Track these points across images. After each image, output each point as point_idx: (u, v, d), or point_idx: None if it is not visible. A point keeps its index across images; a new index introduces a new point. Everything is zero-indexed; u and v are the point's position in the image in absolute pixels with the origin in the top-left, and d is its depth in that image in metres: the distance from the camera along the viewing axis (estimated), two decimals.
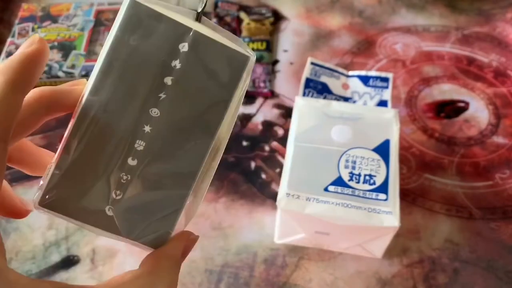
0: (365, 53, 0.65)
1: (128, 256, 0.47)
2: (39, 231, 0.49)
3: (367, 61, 0.64)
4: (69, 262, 0.47)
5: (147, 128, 0.25)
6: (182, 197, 0.26)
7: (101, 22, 0.65)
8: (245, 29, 0.67)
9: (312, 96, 0.51)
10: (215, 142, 0.26)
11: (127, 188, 0.25)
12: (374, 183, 0.43)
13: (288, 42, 0.67)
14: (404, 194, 0.52)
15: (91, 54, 0.62)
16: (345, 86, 0.53)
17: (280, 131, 0.57)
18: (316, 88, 0.52)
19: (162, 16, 0.25)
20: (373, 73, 0.53)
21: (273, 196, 0.51)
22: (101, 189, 0.25)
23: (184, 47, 0.25)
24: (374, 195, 0.42)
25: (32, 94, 0.25)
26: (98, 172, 0.25)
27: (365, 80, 0.53)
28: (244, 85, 0.26)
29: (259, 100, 0.60)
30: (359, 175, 0.43)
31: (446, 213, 0.51)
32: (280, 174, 0.45)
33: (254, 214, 0.51)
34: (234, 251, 0.48)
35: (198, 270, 0.47)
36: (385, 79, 0.52)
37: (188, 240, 0.28)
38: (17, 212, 0.28)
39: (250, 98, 0.60)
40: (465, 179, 0.53)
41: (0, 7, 0.71)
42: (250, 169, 0.54)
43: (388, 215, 0.41)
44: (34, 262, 0.47)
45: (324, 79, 0.53)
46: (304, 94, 0.51)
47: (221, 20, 0.68)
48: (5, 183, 0.27)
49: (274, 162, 0.54)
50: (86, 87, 0.25)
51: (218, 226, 0.50)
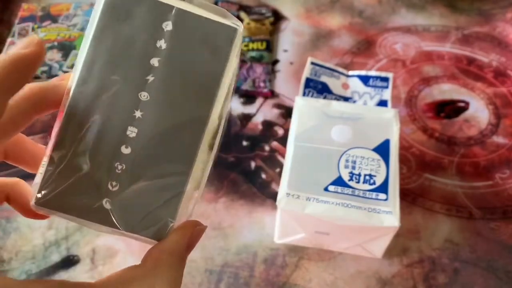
0: (365, 53, 0.65)
1: (129, 256, 0.47)
2: (39, 231, 0.49)
3: (367, 61, 0.64)
4: (69, 262, 0.47)
5: (138, 114, 0.24)
6: (182, 182, 0.24)
7: None
8: (245, 29, 0.67)
9: (312, 96, 0.51)
10: (212, 120, 0.25)
11: (123, 178, 0.24)
12: (374, 183, 0.43)
13: (288, 42, 0.67)
14: (404, 194, 0.52)
15: None
16: (345, 86, 0.53)
17: (280, 131, 0.57)
18: (316, 88, 0.52)
19: None
20: (373, 73, 0.53)
21: (273, 196, 0.51)
22: (97, 182, 0.24)
23: (168, 26, 0.25)
24: (374, 195, 0.42)
25: (21, 93, 0.24)
26: (92, 164, 0.24)
27: (365, 80, 0.53)
28: (236, 58, 0.25)
29: (259, 100, 0.60)
30: (359, 175, 0.43)
31: (446, 213, 0.51)
32: (280, 174, 0.45)
33: (254, 214, 0.51)
34: (234, 251, 0.48)
35: (198, 270, 0.47)
36: (385, 79, 0.52)
37: (194, 231, 0.25)
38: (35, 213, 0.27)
39: (250, 98, 0.60)
40: (465, 179, 0.53)
41: (0, 7, 0.71)
42: (250, 169, 0.54)
43: (388, 215, 0.41)
44: (34, 262, 0.47)
45: (324, 79, 0.53)
46: (304, 94, 0.51)
47: None
48: (25, 184, 0.27)
49: (274, 162, 0.54)
50: (72, 79, 0.24)
51: (218, 226, 0.50)
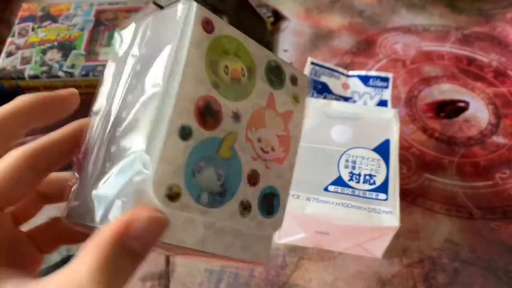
0: (365, 53, 0.65)
1: None
2: None
3: (367, 61, 0.64)
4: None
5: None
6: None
7: (101, 22, 0.65)
8: None
9: (312, 96, 0.51)
10: (177, 92, 0.22)
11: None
12: (374, 183, 0.43)
13: (288, 42, 0.67)
14: (404, 194, 0.52)
15: (91, 54, 0.62)
16: (345, 86, 0.53)
17: None
18: (316, 88, 0.52)
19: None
20: (373, 73, 0.53)
21: None
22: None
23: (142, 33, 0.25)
24: (374, 195, 0.42)
25: (15, 161, 0.23)
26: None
27: (365, 80, 0.53)
28: (196, 31, 0.23)
29: None
30: (359, 175, 0.43)
31: (446, 213, 0.51)
32: None
33: None
34: None
35: (198, 270, 0.47)
36: (385, 79, 0.52)
37: (140, 217, 0.20)
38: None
39: None
40: (465, 179, 0.53)
41: (0, 7, 0.71)
42: None
43: (388, 215, 0.41)
44: None
45: (324, 79, 0.53)
46: None
47: None
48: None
49: None
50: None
51: None
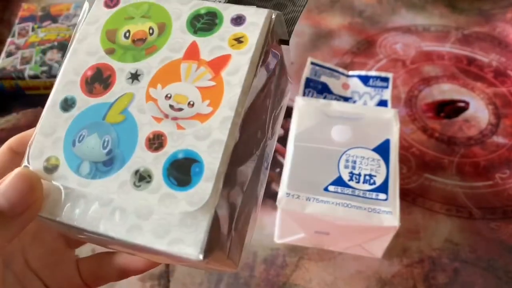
0: (365, 53, 0.65)
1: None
2: None
3: (367, 61, 0.64)
4: None
5: None
6: None
7: None
8: None
9: (312, 96, 0.51)
10: None
11: None
12: (374, 183, 0.43)
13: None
14: (404, 194, 0.52)
15: None
16: (345, 86, 0.53)
17: (280, 131, 0.57)
18: (316, 88, 0.52)
19: None
20: (373, 73, 0.53)
21: (273, 196, 0.51)
22: None
23: None
24: (374, 195, 0.42)
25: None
26: None
27: (365, 80, 0.53)
28: (93, 10, 0.25)
29: None
30: (359, 175, 0.43)
31: (446, 213, 0.51)
32: (280, 174, 0.45)
33: None
34: None
35: (198, 270, 0.47)
36: (385, 79, 0.52)
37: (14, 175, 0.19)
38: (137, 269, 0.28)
39: None
40: (465, 179, 0.53)
41: (0, 7, 0.71)
42: None
43: (388, 215, 0.41)
44: None
45: (324, 79, 0.53)
46: (304, 94, 0.51)
47: None
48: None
49: (274, 162, 0.54)
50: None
51: None
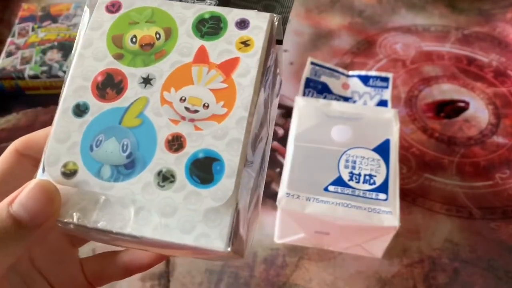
0: (365, 53, 0.65)
1: None
2: None
3: (367, 61, 0.64)
4: None
5: None
6: None
7: None
8: None
9: (312, 96, 0.51)
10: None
11: None
12: (374, 183, 0.43)
13: (288, 42, 0.67)
14: (404, 194, 0.52)
15: None
16: (345, 86, 0.53)
17: (280, 131, 0.57)
18: (316, 88, 0.52)
19: None
20: (373, 73, 0.53)
21: (273, 196, 0.51)
22: None
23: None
24: (374, 195, 0.42)
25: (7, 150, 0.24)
26: None
27: (365, 80, 0.53)
28: (95, 16, 0.26)
29: None
30: (359, 175, 0.43)
31: (446, 213, 0.51)
32: (280, 174, 0.45)
33: None
34: None
35: (198, 270, 0.47)
36: (385, 79, 0.52)
37: (30, 188, 0.21)
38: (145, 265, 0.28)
39: None
40: (465, 179, 0.53)
41: (0, 7, 0.71)
42: None
43: (388, 215, 0.41)
44: None
45: (324, 79, 0.53)
46: (304, 94, 0.51)
47: None
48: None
49: (274, 162, 0.54)
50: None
51: None
